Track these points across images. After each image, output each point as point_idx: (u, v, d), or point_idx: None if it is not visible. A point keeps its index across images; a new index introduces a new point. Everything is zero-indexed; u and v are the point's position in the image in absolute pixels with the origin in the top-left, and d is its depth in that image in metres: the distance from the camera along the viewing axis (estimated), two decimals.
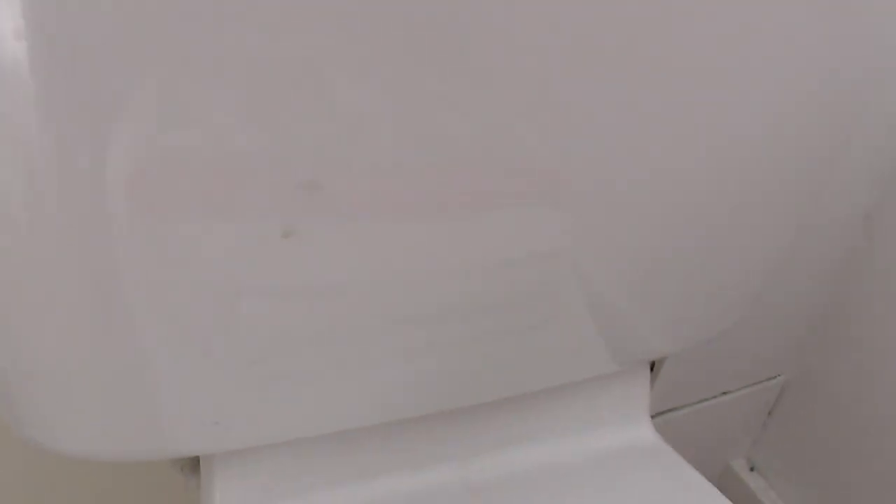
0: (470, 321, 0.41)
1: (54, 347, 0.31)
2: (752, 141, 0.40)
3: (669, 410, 0.81)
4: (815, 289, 0.80)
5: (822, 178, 0.43)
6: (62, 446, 0.34)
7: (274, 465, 0.42)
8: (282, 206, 0.31)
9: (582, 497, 0.45)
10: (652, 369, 0.56)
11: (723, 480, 0.97)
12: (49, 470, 0.57)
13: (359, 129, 0.31)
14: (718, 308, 0.46)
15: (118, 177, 0.28)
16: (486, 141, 0.33)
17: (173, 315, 0.33)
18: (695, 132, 0.38)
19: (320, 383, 0.38)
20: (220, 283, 0.34)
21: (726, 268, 0.44)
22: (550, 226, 0.39)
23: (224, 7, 0.26)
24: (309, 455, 0.42)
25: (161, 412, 0.35)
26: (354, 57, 0.28)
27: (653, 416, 0.81)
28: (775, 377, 0.87)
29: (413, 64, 0.29)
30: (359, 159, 0.31)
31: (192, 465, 0.44)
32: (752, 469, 0.94)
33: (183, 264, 0.32)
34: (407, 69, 0.29)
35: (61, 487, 0.59)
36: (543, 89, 0.33)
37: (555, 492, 0.45)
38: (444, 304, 0.39)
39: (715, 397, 0.84)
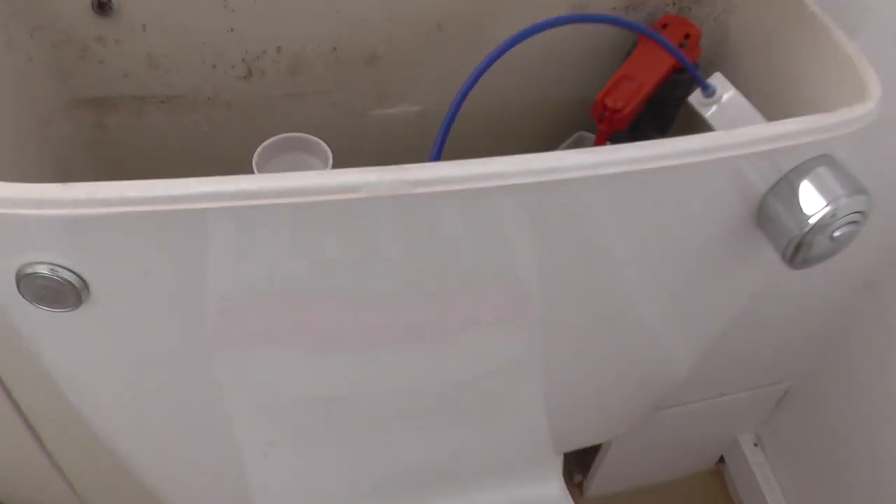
0: (439, 424, 0.58)
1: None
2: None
3: (672, 406, 0.96)
4: (816, 314, 0.89)
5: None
6: None
7: None
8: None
9: None
10: None
11: (728, 451, 1.12)
12: None
13: None
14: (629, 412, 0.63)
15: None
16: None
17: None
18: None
19: (340, 458, 0.58)
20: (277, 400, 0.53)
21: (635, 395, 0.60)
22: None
23: None
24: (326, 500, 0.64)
25: (244, 483, 0.57)
26: None
27: (657, 410, 0.96)
28: (779, 383, 0.99)
29: None
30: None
31: None
32: (756, 444, 1.08)
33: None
34: None
35: None
36: None
37: None
38: (424, 408, 0.57)
39: (714, 398, 0.97)
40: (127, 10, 0.42)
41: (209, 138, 0.51)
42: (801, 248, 0.39)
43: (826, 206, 0.38)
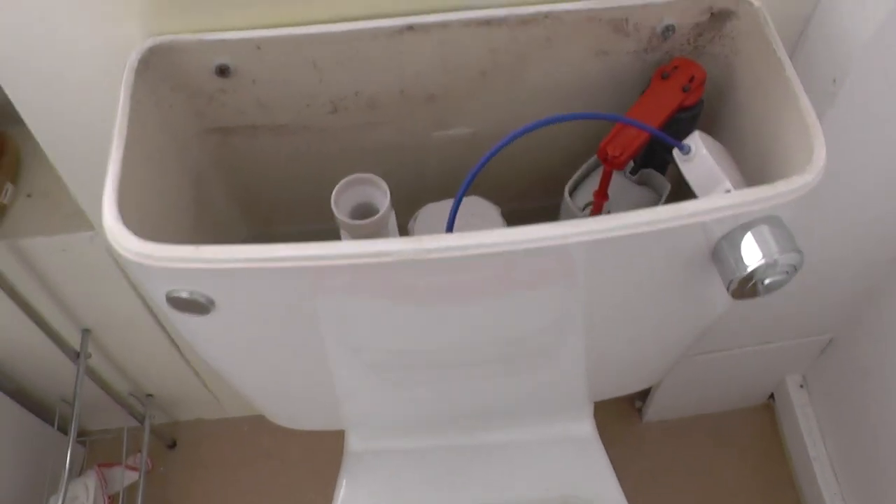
0: (499, 367, 0.73)
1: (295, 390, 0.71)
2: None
3: (720, 350, 1.06)
4: (849, 281, 0.96)
5: None
6: (291, 426, 0.77)
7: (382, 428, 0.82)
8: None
9: (521, 457, 0.83)
10: None
11: (778, 390, 1.22)
12: None
13: None
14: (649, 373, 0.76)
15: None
16: None
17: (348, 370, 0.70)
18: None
19: (412, 395, 0.74)
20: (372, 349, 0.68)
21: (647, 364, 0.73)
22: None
23: None
24: (397, 425, 0.81)
25: (336, 412, 0.75)
26: None
27: (704, 354, 1.07)
28: (823, 334, 1.07)
29: None
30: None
31: None
32: (801, 386, 1.17)
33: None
34: None
35: None
36: None
37: (512, 453, 0.83)
38: (489, 356, 0.71)
39: (761, 344, 1.07)
40: (241, 72, 0.56)
41: (307, 154, 0.65)
42: (738, 287, 0.49)
43: (762, 258, 0.48)
